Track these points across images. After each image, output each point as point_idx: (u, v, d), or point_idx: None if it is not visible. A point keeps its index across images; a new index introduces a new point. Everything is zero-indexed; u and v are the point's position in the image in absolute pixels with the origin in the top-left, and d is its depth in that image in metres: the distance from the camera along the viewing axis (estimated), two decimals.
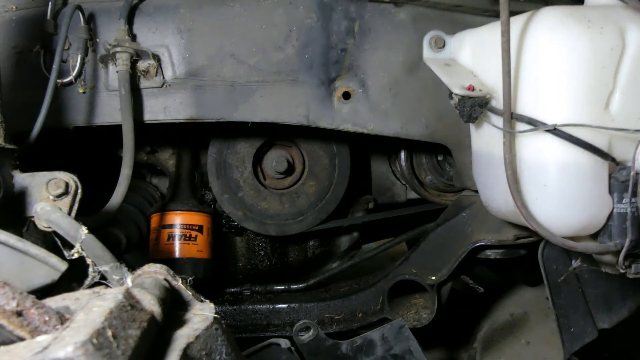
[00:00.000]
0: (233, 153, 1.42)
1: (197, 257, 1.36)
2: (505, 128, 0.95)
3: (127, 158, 1.02)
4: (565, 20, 0.91)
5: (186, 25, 1.10)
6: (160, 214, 1.37)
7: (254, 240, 1.60)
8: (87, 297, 0.50)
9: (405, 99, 1.19)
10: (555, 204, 0.95)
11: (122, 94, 1.03)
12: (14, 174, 0.79)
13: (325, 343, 1.37)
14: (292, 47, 1.13)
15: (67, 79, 1.07)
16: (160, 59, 1.10)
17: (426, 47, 1.16)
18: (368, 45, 1.16)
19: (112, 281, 0.71)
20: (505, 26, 0.89)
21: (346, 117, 1.17)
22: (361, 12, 1.15)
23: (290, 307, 1.42)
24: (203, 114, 1.12)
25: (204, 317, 0.55)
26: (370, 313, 1.43)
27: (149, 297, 0.51)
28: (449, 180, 1.51)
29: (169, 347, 0.48)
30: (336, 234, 1.67)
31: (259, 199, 1.45)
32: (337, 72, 1.16)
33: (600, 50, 0.90)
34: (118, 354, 0.38)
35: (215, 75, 1.12)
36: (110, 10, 1.10)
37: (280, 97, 1.14)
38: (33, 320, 0.43)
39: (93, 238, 0.73)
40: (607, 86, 0.92)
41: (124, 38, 1.05)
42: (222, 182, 1.43)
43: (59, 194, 0.78)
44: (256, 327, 1.41)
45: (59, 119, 1.08)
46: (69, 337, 0.37)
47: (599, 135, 0.92)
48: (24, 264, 0.64)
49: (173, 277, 0.62)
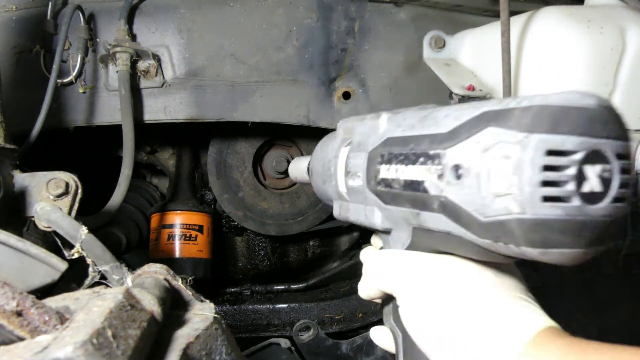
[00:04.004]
0: (233, 153, 1.42)
1: (197, 257, 1.36)
2: None
3: (127, 158, 1.02)
4: (565, 20, 0.91)
5: (186, 25, 1.10)
6: (160, 214, 1.37)
7: (254, 240, 1.60)
8: (87, 297, 0.50)
9: (405, 99, 1.19)
10: None
11: (122, 94, 1.03)
12: (14, 174, 0.79)
13: (325, 343, 1.37)
14: (292, 47, 1.13)
15: (67, 79, 1.07)
16: (160, 59, 1.10)
17: (426, 47, 1.16)
18: (368, 45, 1.16)
19: (112, 281, 0.71)
20: (505, 26, 0.89)
21: (346, 117, 1.17)
22: (361, 12, 1.15)
23: (290, 307, 1.42)
24: (203, 114, 1.12)
25: (204, 317, 0.55)
26: (370, 313, 1.43)
27: (149, 297, 0.51)
28: None
29: (169, 347, 0.48)
30: (336, 234, 1.67)
31: (259, 199, 1.45)
32: (337, 72, 1.16)
33: (600, 50, 0.90)
34: (118, 354, 0.38)
35: (215, 75, 1.12)
36: (110, 10, 1.10)
37: (280, 97, 1.14)
38: (33, 320, 0.43)
39: (93, 238, 0.73)
40: (607, 86, 0.92)
41: (124, 38, 1.05)
42: (222, 182, 1.43)
43: (59, 194, 0.78)
44: (256, 327, 1.41)
45: (59, 119, 1.08)
46: (69, 337, 0.37)
47: None
48: (24, 264, 0.64)
49: (173, 277, 0.62)
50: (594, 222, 0.41)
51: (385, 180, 0.56)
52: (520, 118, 0.41)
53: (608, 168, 0.41)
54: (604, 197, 0.42)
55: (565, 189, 0.40)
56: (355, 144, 0.65)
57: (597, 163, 0.41)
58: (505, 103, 0.44)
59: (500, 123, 0.42)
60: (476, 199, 0.43)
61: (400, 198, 0.54)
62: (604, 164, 0.41)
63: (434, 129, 0.50)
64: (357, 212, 0.65)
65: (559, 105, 0.40)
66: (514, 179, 0.40)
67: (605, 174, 0.41)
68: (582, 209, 0.41)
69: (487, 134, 0.43)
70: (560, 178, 0.40)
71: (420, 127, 0.53)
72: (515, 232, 0.41)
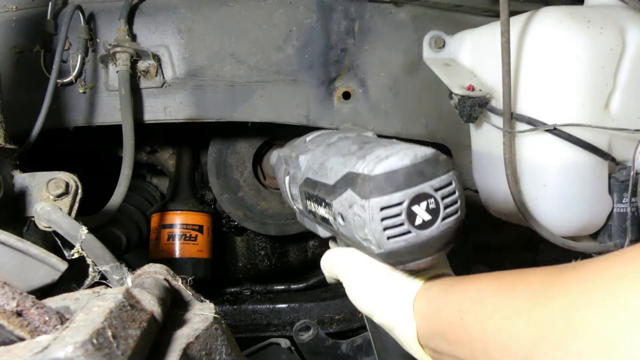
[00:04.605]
0: (233, 153, 1.42)
1: (197, 257, 1.36)
2: (505, 128, 0.95)
3: (127, 158, 1.02)
4: (565, 20, 0.91)
5: (186, 25, 1.10)
6: (160, 213, 1.37)
7: (254, 240, 1.60)
8: (87, 297, 0.50)
9: (405, 99, 1.19)
10: (555, 203, 0.95)
11: (122, 94, 1.03)
12: (14, 174, 0.79)
13: (325, 343, 1.37)
14: (292, 47, 1.13)
15: (67, 79, 1.07)
16: (160, 59, 1.10)
17: (426, 47, 1.16)
18: (368, 45, 1.16)
19: (112, 281, 0.71)
20: (505, 26, 0.89)
21: (346, 117, 1.17)
22: (361, 12, 1.15)
23: (290, 307, 1.42)
24: (203, 114, 1.12)
25: (204, 317, 0.55)
26: None
27: (149, 297, 0.51)
28: None
29: (168, 347, 0.48)
30: None
31: (259, 199, 1.45)
32: (337, 72, 1.16)
33: (600, 50, 0.90)
34: (118, 354, 0.38)
35: (215, 75, 1.12)
36: (110, 10, 1.10)
37: (280, 97, 1.14)
38: (33, 320, 0.43)
39: (93, 238, 0.73)
40: (607, 86, 0.92)
41: (124, 38, 1.05)
42: (222, 182, 1.43)
43: (59, 194, 0.78)
44: (256, 327, 1.41)
45: (59, 119, 1.08)
46: (69, 337, 0.37)
47: (599, 135, 0.92)
48: (24, 264, 0.64)
49: (173, 277, 0.62)
50: (432, 239, 0.57)
51: (311, 211, 0.73)
52: (361, 186, 0.57)
53: (432, 201, 0.57)
54: (435, 221, 0.57)
55: (402, 228, 0.56)
56: (292, 177, 0.80)
57: (422, 201, 0.56)
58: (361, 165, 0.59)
59: (353, 188, 0.59)
60: (355, 239, 0.61)
61: (324, 224, 0.72)
62: (427, 199, 0.56)
63: (325, 179, 0.66)
64: (308, 224, 0.84)
65: (384, 172, 0.56)
66: (366, 230, 0.58)
67: (432, 205, 0.57)
68: (419, 235, 0.57)
69: (348, 195, 0.60)
70: (396, 222, 0.56)
71: (320, 174, 0.69)
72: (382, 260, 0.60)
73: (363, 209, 0.57)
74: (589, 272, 0.47)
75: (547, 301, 0.47)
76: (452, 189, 0.58)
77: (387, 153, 0.58)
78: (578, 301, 0.45)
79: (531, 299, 0.50)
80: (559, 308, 0.46)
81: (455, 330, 0.57)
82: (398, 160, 0.57)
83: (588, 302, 0.44)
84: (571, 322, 0.44)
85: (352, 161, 0.62)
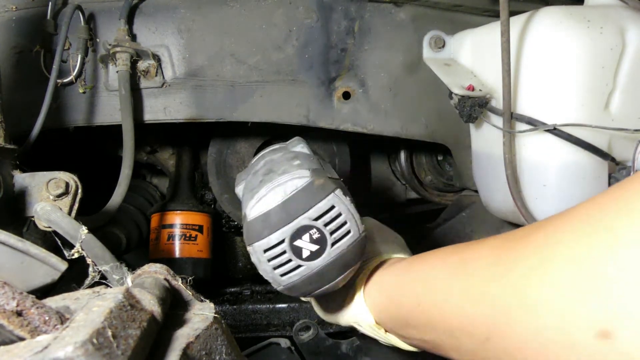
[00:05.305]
0: (233, 153, 1.42)
1: (197, 257, 1.36)
2: (505, 128, 0.95)
3: (127, 158, 1.02)
4: (565, 20, 0.91)
5: (186, 25, 1.10)
6: (160, 213, 1.37)
7: None
8: (87, 297, 0.50)
9: (405, 98, 1.19)
10: (555, 203, 0.95)
11: (122, 94, 1.03)
12: (14, 174, 0.79)
13: (325, 342, 1.37)
14: (292, 47, 1.13)
15: (67, 79, 1.07)
16: (160, 59, 1.10)
17: (426, 47, 1.16)
18: (368, 45, 1.16)
19: (112, 281, 0.71)
20: (505, 26, 0.89)
21: (346, 117, 1.17)
22: (361, 12, 1.15)
23: (290, 307, 1.42)
24: (203, 114, 1.12)
25: (204, 317, 0.55)
26: None
27: (149, 297, 0.51)
28: (449, 180, 1.51)
29: (168, 347, 0.48)
30: None
31: None
32: (337, 72, 1.16)
33: (600, 50, 0.90)
34: (118, 354, 0.38)
35: (215, 75, 1.12)
36: (110, 10, 1.10)
37: (280, 97, 1.14)
38: (33, 320, 0.43)
39: (93, 238, 0.73)
40: (607, 86, 0.92)
41: (124, 38, 1.05)
42: (222, 182, 1.42)
43: (59, 194, 0.78)
44: (256, 327, 1.41)
45: (59, 119, 1.08)
46: (69, 337, 0.37)
47: (599, 135, 0.92)
48: (24, 264, 0.64)
49: (173, 277, 0.62)
50: (327, 266, 0.58)
51: None
52: (245, 232, 0.60)
53: (314, 231, 0.57)
54: (324, 249, 0.58)
55: (291, 264, 0.58)
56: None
57: (304, 234, 0.57)
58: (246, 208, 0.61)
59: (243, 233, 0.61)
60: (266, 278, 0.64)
61: None
62: (309, 231, 0.57)
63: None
64: None
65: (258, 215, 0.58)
66: (261, 271, 0.61)
67: (316, 235, 0.57)
68: (310, 266, 0.58)
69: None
70: (283, 260, 0.58)
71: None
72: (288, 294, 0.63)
73: (251, 254, 0.60)
74: (534, 241, 0.46)
75: (498, 277, 0.46)
76: (334, 212, 0.58)
77: (265, 192, 0.59)
78: (527, 275, 0.43)
79: (483, 276, 0.49)
80: (511, 285, 0.44)
81: (416, 316, 0.58)
82: (271, 200, 0.58)
83: (540, 275, 0.42)
84: (524, 298, 0.42)
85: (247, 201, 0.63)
